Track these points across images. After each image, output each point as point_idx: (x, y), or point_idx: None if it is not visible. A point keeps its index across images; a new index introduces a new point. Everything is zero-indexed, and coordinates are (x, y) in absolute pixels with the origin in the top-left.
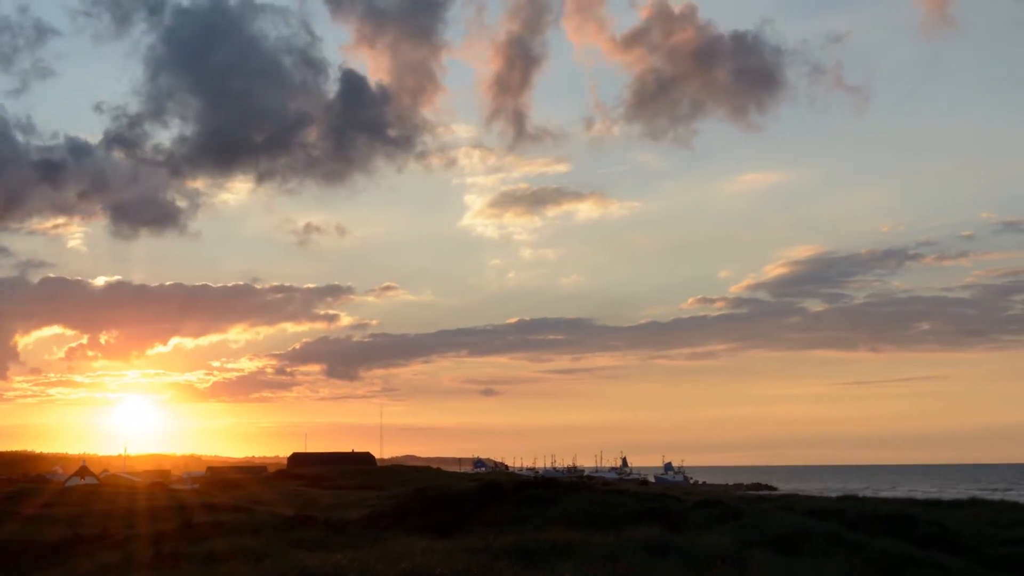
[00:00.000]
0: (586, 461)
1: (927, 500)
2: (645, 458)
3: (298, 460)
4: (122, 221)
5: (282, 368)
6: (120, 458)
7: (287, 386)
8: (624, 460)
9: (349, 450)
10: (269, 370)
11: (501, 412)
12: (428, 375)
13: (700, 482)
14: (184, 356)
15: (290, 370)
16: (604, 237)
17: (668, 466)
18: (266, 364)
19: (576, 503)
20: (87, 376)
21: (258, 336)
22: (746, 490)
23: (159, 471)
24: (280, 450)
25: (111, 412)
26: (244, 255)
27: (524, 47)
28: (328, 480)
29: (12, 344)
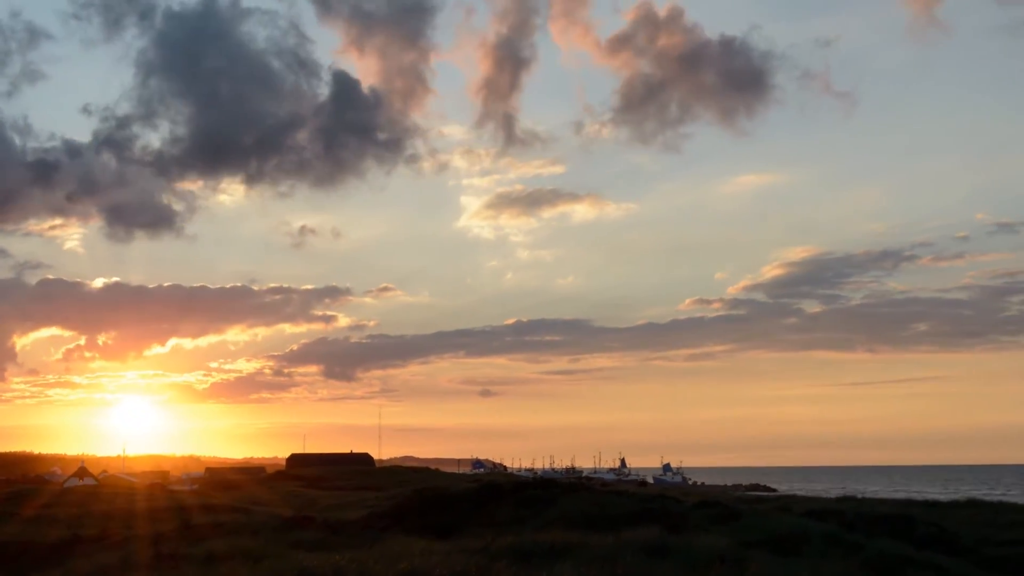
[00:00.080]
0: (584, 462)
1: (925, 501)
2: (643, 459)
3: (297, 461)
4: (117, 223)
5: (280, 369)
6: (119, 459)
7: (285, 387)
8: (622, 461)
9: (348, 451)
10: (267, 371)
11: (499, 413)
12: (426, 376)
13: (698, 483)
14: (182, 357)
15: (288, 371)
16: (600, 238)
17: (667, 467)
18: (264, 365)
19: (575, 504)
20: (85, 377)
21: (256, 337)
22: (744, 491)
23: (158, 472)
24: (279, 451)
25: (109, 413)
26: (241, 257)
27: (512, 50)
28: (327, 481)
29: (10, 345)
